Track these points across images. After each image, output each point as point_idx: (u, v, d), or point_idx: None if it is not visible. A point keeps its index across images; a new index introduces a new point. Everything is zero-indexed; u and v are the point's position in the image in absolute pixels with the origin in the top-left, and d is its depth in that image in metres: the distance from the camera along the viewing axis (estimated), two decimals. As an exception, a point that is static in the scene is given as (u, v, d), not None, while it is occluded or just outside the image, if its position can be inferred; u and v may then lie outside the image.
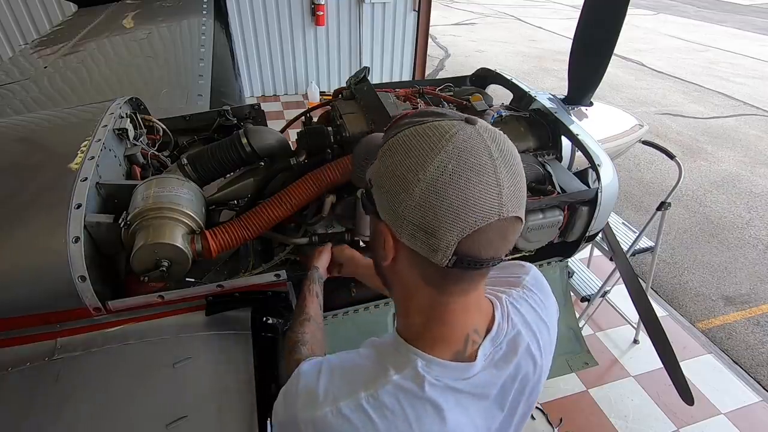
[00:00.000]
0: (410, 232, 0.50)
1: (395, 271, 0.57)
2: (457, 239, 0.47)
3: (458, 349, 0.57)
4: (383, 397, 0.53)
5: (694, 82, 7.14)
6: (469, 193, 0.46)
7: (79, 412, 0.85)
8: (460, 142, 0.47)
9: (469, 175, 0.46)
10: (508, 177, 0.48)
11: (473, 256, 0.49)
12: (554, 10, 12.42)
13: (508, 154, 0.49)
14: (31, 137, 1.29)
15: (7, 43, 4.42)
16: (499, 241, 0.49)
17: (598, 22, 1.57)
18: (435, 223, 0.47)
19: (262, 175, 1.18)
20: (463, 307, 0.56)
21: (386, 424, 0.52)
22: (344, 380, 0.56)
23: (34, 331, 0.96)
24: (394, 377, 0.54)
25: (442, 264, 0.49)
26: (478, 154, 0.47)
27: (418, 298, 0.56)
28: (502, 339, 0.60)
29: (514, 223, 0.50)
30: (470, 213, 0.46)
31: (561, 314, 1.73)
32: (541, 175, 1.47)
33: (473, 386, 0.57)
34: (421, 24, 5.54)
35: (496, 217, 0.47)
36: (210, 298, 1.03)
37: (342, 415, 0.52)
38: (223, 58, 2.67)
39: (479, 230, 0.47)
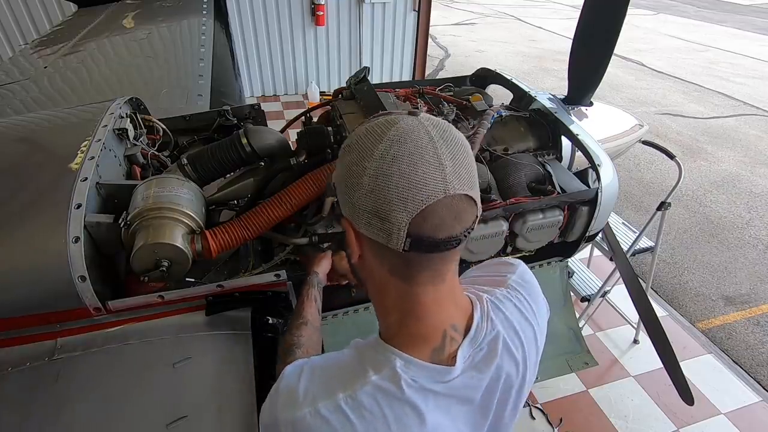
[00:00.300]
0: (366, 221, 0.51)
1: (365, 268, 0.59)
2: (408, 219, 0.49)
3: (436, 346, 0.56)
4: (361, 398, 0.53)
5: (694, 82, 7.14)
6: (412, 173, 0.48)
7: (79, 412, 0.85)
8: (400, 129, 0.50)
9: (410, 157, 0.48)
10: (450, 157, 0.49)
11: (427, 236, 0.50)
12: (554, 10, 12.42)
13: (450, 137, 0.51)
14: (31, 137, 1.29)
15: (7, 43, 4.42)
16: (451, 220, 0.50)
17: (598, 22, 1.57)
18: (385, 207, 0.49)
19: (262, 175, 1.18)
20: (435, 299, 0.56)
21: (364, 425, 0.52)
22: (324, 381, 0.56)
23: (34, 331, 0.96)
24: (373, 378, 0.54)
25: (399, 248, 0.50)
26: (417, 137, 0.49)
27: (389, 293, 0.57)
28: (482, 340, 0.59)
29: (466, 203, 0.51)
30: (415, 192, 0.48)
31: (561, 314, 1.75)
32: (541, 175, 1.47)
33: (453, 389, 0.56)
34: (421, 24, 5.54)
35: (442, 194, 0.48)
36: (210, 298, 1.03)
37: (320, 415, 0.52)
38: (223, 58, 2.67)
39: (428, 209, 0.48)
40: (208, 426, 0.83)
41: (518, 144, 1.60)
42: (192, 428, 0.81)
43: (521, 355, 0.62)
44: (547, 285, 1.71)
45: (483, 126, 1.45)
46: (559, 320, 1.74)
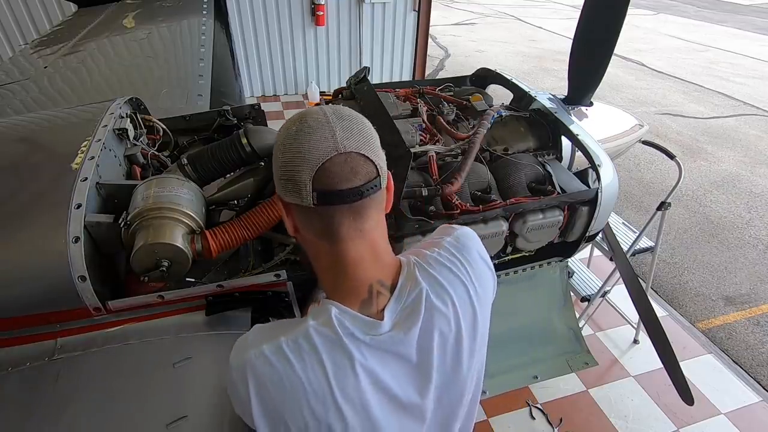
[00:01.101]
0: (283, 187, 0.61)
1: (301, 239, 0.67)
2: (310, 176, 0.58)
3: (364, 298, 0.63)
4: (300, 341, 0.59)
5: (694, 82, 7.14)
6: (310, 140, 0.58)
7: (79, 412, 0.84)
8: (303, 112, 0.62)
9: (307, 128, 0.59)
10: (341, 126, 0.59)
11: (329, 189, 0.58)
12: (554, 10, 12.42)
13: (344, 114, 0.61)
14: (31, 137, 1.29)
15: (7, 43, 4.42)
16: (347, 173, 0.58)
17: (598, 22, 1.57)
18: (293, 171, 0.59)
19: (262, 175, 1.18)
20: (357, 254, 0.62)
21: (302, 365, 0.57)
22: (271, 331, 0.63)
23: (34, 331, 0.96)
24: (311, 323, 0.60)
25: (310, 202, 0.58)
26: (314, 115, 0.60)
27: (321, 257, 0.65)
28: (406, 298, 0.64)
29: (360, 159, 0.59)
30: (312, 153, 0.57)
31: (561, 314, 1.75)
32: (541, 175, 1.47)
33: (383, 343, 0.61)
34: (421, 24, 5.54)
35: (334, 152, 0.57)
36: (210, 298, 1.03)
37: (264, 356, 0.58)
38: (223, 58, 2.67)
39: (324, 165, 0.57)
40: (208, 426, 0.83)
41: (518, 144, 1.61)
42: (192, 428, 0.81)
43: (452, 310, 0.65)
44: (547, 285, 1.71)
45: (483, 126, 1.45)
46: (559, 320, 1.74)
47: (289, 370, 0.57)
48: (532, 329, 1.71)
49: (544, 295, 1.72)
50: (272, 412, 0.58)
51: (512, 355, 1.67)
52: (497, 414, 2.21)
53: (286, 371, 0.57)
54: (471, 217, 1.30)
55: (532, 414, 2.22)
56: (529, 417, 2.21)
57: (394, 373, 0.62)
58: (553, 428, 2.17)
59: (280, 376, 0.57)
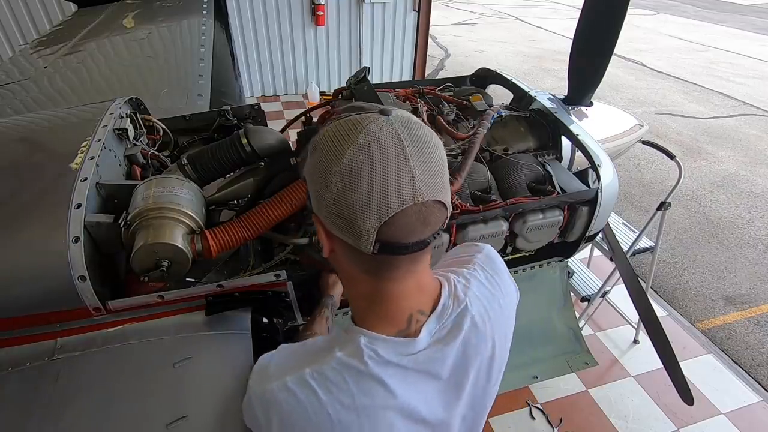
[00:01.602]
0: (334, 223, 0.52)
1: (336, 261, 0.60)
2: (376, 226, 0.49)
3: (401, 328, 0.58)
4: (327, 372, 0.55)
5: (694, 82, 7.14)
6: (381, 181, 0.48)
7: (79, 412, 0.84)
8: (370, 132, 0.49)
9: (378, 164, 0.48)
10: (420, 163, 0.49)
11: (396, 241, 0.51)
12: (554, 10, 12.42)
13: (422, 141, 0.51)
14: (31, 137, 1.29)
15: (7, 43, 4.42)
16: (419, 225, 0.51)
17: (598, 22, 1.57)
18: (353, 213, 0.49)
19: (262, 175, 1.18)
20: (402, 291, 0.57)
21: (330, 398, 0.54)
22: (294, 359, 0.59)
23: (34, 331, 0.96)
24: (338, 354, 0.56)
25: (368, 251, 0.51)
26: (388, 143, 0.49)
27: (359, 285, 0.59)
28: (448, 316, 0.60)
29: (435, 207, 0.51)
30: (384, 201, 0.48)
31: (561, 314, 1.75)
32: (541, 175, 1.47)
33: (418, 363, 0.57)
34: (421, 24, 5.54)
35: (411, 202, 0.49)
36: (210, 298, 1.03)
37: (288, 388, 0.55)
38: (223, 58, 2.67)
39: (396, 216, 0.49)
40: (208, 426, 0.83)
41: (518, 144, 1.60)
42: (192, 428, 0.81)
43: (489, 328, 0.63)
44: (547, 285, 1.71)
45: (483, 126, 1.45)
46: (559, 320, 1.74)
47: (315, 402, 0.54)
48: (532, 329, 1.71)
49: (544, 295, 1.72)
50: None
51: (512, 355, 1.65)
52: (497, 414, 2.21)
53: (312, 404, 0.54)
54: (471, 217, 1.30)
55: (532, 414, 2.22)
56: (529, 417, 2.21)
57: (424, 395, 0.59)
58: (553, 428, 2.17)
59: (305, 409, 0.54)
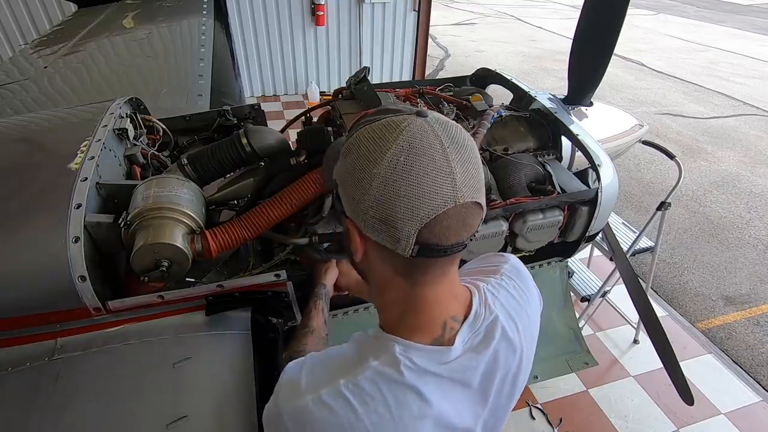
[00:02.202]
0: (372, 226, 0.52)
1: (368, 266, 0.60)
2: (417, 229, 0.49)
3: (436, 335, 0.57)
4: (362, 383, 0.54)
5: (694, 82, 7.14)
6: (423, 183, 0.48)
7: (79, 412, 0.85)
8: (410, 134, 0.49)
9: (420, 166, 0.48)
10: (460, 164, 0.50)
11: (435, 243, 0.51)
12: (554, 10, 12.42)
13: (460, 142, 0.51)
14: (31, 137, 1.29)
15: (7, 43, 4.42)
16: (459, 227, 0.51)
17: (598, 23, 1.57)
18: (393, 216, 0.49)
19: (262, 175, 1.18)
20: (437, 296, 0.57)
21: (366, 410, 0.53)
22: (325, 370, 0.57)
23: (34, 331, 0.96)
24: (373, 363, 0.55)
25: (406, 254, 0.51)
26: (428, 144, 0.49)
27: (392, 290, 0.58)
28: (480, 324, 0.60)
29: (473, 209, 0.52)
30: (426, 203, 0.48)
31: (561, 314, 1.74)
32: (541, 175, 1.47)
33: (453, 371, 0.57)
34: (421, 24, 5.54)
35: (452, 204, 0.49)
36: (210, 298, 1.03)
37: (323, 402, 0.53)
38: (223, 58, 2.67)
39: (437, 218, 0.49)
40: (208, 426, 0.83)
41: (518, 144, 1.60)
42: (192, 428, 0.81)
43: (518, 339, 0.63)
44: (547, 285, 1.71)
45: (483, 126, 1.45)
46: (559, 320, 1.74)
47: (351, 415, 0.53)
48: (532, 329, 1.71)
49: (544, 295, 1.70)
50: None
51: (512, 355, 1.67)
52: (497, 414, 2.21)
53: (348, 417, 0.53)
54: (471, 217, 1.30)
55: (532, 414, 2.22)
56: (529, 417, 2.21)
57: (457, 404, 0.59)
58: (553, 428, 2.17)
59: (342, 422, 0.53)
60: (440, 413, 0.56)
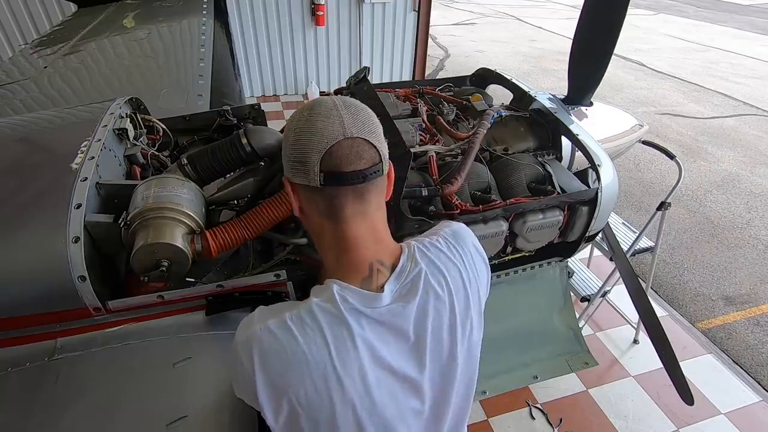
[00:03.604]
0: (292, 168, 0.65)
1: (305, 219, 0.71)
2: (318, 158, 0.62)
3: (364, 276, 0.66)
4: (304, 316, 0.62)
5: (694, 82, 7.14)
6: (319, 125, 0.63)
7: (79, 412, 0.85)
8: (314, 101, 0.66)
9: (317, 115, 0.64)
10: (349, 115, 0.64)
11: (336, 171, 0.62)
12: (554, 10, 12.42)
13: (352, 103, 0.66)
14: (31, 137, 1.29)
15: (7, 43, 4.42)
16: (353, 157, 0.63)
17: (598, 23, 1.57)
18: (302, 153, 0.63)
19: (262, 175, 1.18)
20: (358, 234, 0.66)
21: (305, 338, 0.60)
22: (276, 309, 0.66)
23: (34, 331, 0.96)
24: (314, 299, 0.64)
25: (317, 183, 0.63)
26: (325, 104, 0.65)
27: (324, 235, 0.68)
28: (406, 277, 0.67)
29: (365, 145, 0.64)
30: (321, 137, 0.62)
31: (561, 314, 1.75)
32: (541, 175, 1.47)
33: (383, 315, 0.64)
34: (421, 24, 5.54)
35: (341, 136, 0.62)
36: (210, 298, 1.03)
37: (269, 330, 0.61)
38: (223, 58, 2.67)
39: (332, 149, 0.62)
40: (208, 426, 0.83)
41: (518, 144, 1.60)
42: (192, 428, 0.81)
43: (446, 292, 0.68)
44: (547, 285, 1.71)
45: (483, 126, 1.45)
46: (559, 320, 1.74)
47: (292, 342, 0.60)
48: (532, 329, 1.71)
49: (544, 295, 1.72)
50: (275, 385, 0.60)
51: (512, 355, 1.67)
52: (497, 414, 2.21)
53: (290, 344, 0.60)
54: (471, 217, 1.30)
55: (532, 414, 2.22)
56: (529, 417, 2.21)
57: (392, 349, 0.65)
58: (553, 428, 2.17)
59: (284, 348, 0.60)
60: (374, 349, 0.63)
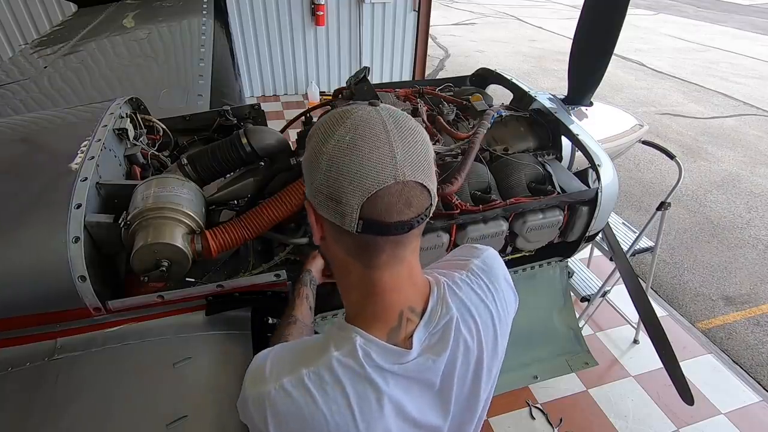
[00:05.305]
0: (322, 202, 0.54)
1: (328, 250, 0.62)
2: (359, 203, 0.51)
3: (393, 326, 0.59)
4: (323, 374, 0.56)
5: (694, 82, 7.14)
6: (365, 159, 0.50)
7: (79, 412, 0.84)
8: (357, 117, 0.53)
9: (363, 143, 0.51)
10: (402, 146, 0.52)
11: (378, 219, 0.52)
12: (554, 10, 12.42)
13: (405, 127, 0.54)
14: (31, 137, 1.29)
15: (7, 43, 4.42)
16: (401, 205, 0.52)
17: (598, 23, 1.57)
18: (338, 190, 0.52)
19: (262, 175, 1.18)
20: (392, 282, 0.58)
21: (325, 399, 0.55)
22: (290, 359, 0.59)
23: (34, 331, 0.96)
24: (335, 354, 0.57)
25: (353, 229, 0.53)
26: (373, 126, 0.52)
27: (350, 274, 0.60)
28: (436, 323, 0.61)
29: (417, 190, 0.53)
30: (367, 177, 0.50)
31: (561, 314, 1.75)
32: (541, 175, 1.47)
33: (410, 371, 0.58)
34: (421, 24, 5.54)
35: (392, 180, 0.51)
36: (210, 298, 1.03)
37: (284, 390, 0.55)
38: (223, 58, 2.67)
39: (378, 194, 0.51)
40: (208, 426, 0.83)
41: (518, 144, 1.60)
42: (192, 428, 0.81)
43: (476, 341, 0.64)
44: (547, 285, 1.71)
45: (483, 126, 1.45)
46: (559, 320, 1.74)
47: (311, 404, 0.55)
48: (532, 329, 1.71)
49: (544, 295, 1.72)
50: None
51: (512, 355, 1.65)
52: (497, 414, 2.21)
53: (308, 406, 0.55)
54: (471, 217, 1.30)
55: (532, 414, 2.22)
56: (529, 417, 2.21)
57: (417, 401, 0.60)
58: (553, 428, 2.17)
59: (302, 410, 0.55)
60: (400, 404, 0.58)
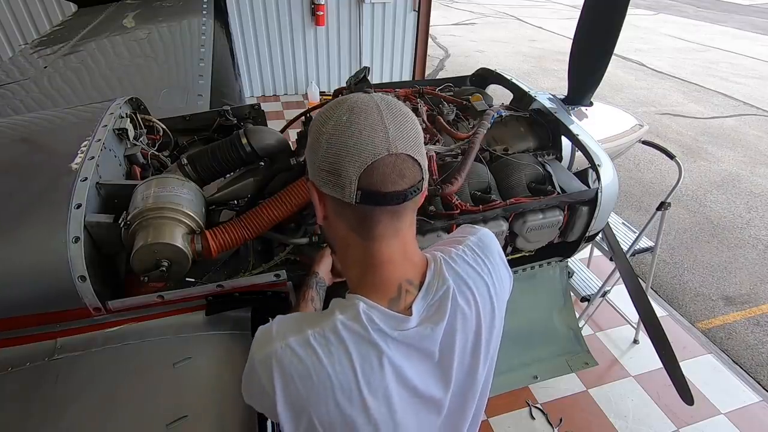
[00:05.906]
0: (323, 179, 0.59)
1: (330, 228, 0.66)
2: (357, 174, 0.56)
3: (392, 297, 0.62)
4: (328, 335, 0.59)
5: (694, 82, 7.14)
6: (360, 135, 0.56)
7: (79, 412, 0.85)
8: (353, 101, 0.59)
9: (358, 122, 0.56)
10: (394, 123, 0.57)
11: (375, 189, 0.57)
12: (554, 10, 12.42)
13: (396, 109, 0.59)
14: (31, 137, 1.29)
15: (7, 43, 4.42)
16: (395, 176, 0.57)
17: (598, 23, 1.57)
18: (337, 164, 0.57)
19: (262, 175, 1.18)
20: (389, 254, 0.62)
21: (330, 359, 0.57)
22: (296, 322, 0.62)
23: (34, 331, 0.96)
24: (340, 317, 0.60)
25: (352, 200, 0.57)
26: (367, 107, 0.58)
27: (350, 249, 0.64)
28: (434, 294, 0.64)
29: (409, 162, 0.58)
30: (362, 150, 0.56)
31: (561, 314, 1.75)
32: (541, 175, 1.47)
33: (410, 338, 0.61)
34: (421, 24, 5.54)
35: (386, 152, 0.56)
36: (210, 298, 1.03)
37: (291, 348, 0.58)
38: (223, 58, 2.67)
39: (373, 165, 0.56)
40: (208, 426, 0.83)
41: (518, 144, 1.60)
42: (192, 428, 0.81)
43: (473, 311, 0.66)
44: (547, 285, 1.71)
45: (483, 126, 1.45)
46: (559, 320, 1.74)
47: (317, 363, 0.57)
48: (532, 329, 1.71)
49: (544, 295, 1.71)
50: (297, 405, 0.58)
51: (512, 355, 1.67)
52: (497, 414, 2.21)
53: (314, 364, 0.57)
54: (471, 217, 1.30)
55: (532, 414, 2.22)
56: (529, 417, 2.21)
57: (418, 369, 0.62)
58: (553, 428, 2.17)
59: (308, 369, 0.57)
60: (400, 368, 0.60)
